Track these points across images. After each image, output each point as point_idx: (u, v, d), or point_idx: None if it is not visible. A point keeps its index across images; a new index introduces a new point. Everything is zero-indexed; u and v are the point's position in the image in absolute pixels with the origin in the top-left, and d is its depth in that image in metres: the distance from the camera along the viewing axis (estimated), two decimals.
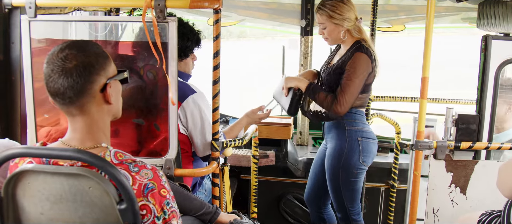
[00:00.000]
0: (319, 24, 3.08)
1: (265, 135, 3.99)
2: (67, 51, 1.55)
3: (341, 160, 3.09)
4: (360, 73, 2.94)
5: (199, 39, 2.81)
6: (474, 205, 2.76)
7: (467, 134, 2.75)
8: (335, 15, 2.97)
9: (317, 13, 3.05)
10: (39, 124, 2.37)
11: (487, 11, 2.74)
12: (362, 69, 2.94)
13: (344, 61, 3.01)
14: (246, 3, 4.70)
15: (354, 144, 3.07)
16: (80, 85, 1.55)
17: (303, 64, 4.53)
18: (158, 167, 2.08)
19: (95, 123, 1.63)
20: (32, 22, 2.28)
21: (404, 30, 4.74)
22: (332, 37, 3.07)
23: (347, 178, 3.11)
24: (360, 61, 2.93)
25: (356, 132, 3.08)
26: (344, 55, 3.05)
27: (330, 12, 2.97)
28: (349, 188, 3.14)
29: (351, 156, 3.07)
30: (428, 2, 2.46)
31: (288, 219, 4.18)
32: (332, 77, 3.05)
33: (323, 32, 3.07)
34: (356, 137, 3.08)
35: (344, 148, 3.08)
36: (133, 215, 1.49)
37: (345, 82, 2.93)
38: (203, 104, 2.67)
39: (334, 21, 2.99)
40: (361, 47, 2.97)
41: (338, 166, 3.10)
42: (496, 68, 2.73)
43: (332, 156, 3.13)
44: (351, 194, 3.17)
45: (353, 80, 2.92)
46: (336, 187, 3.16)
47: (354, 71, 2.93)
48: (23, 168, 1.51)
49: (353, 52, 2.97)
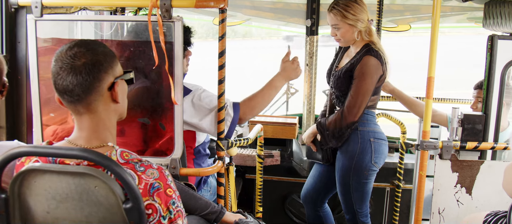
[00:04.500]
0: (332, 25, 3.02)
1: (270, 134, 3.99)
2: (76, 49, 1.56)
3: (353, 161, 3.06)
4: (369, 78, 2.92)
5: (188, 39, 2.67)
6: (480, 205, 2.75)
7: (473, 134, 2.74)
8: (349, 16, 2.93)
9: (330, 13, 2.99)
10: (45, 123, 2.38)
11: (493, 11, 2.73)
12: (372, 73, 2.92)
13: (353, 64, 2.98)
14: (252, 3, 4.71)
15: (367, 145, 3.05)
16: (88, 83, 1.56)
17: (308, 63, 4.53)
18: (164, 167, 2.09)
19: (102, 122, 1.63)
20: (38, 21, 2.29)
21: (409, 30, 4.73)
22: (345, 39, 3.03)
23: (358, 179, 3.09)
24: (368, 66, 2.92)
25: (368, 133, 3.07)
26: (354, 58, 3.02)
27: (344, 12, 2.93)
28: (359, 190, 3.12)
29: (363, 157, 3.05)
30: (434, 2, 2.45)
31: (293, 219, 4.18)
32: (341, 80, 3.03)
33: (336, 33, 3.02)
34: (368, 138, 3.06)
35: (356, 149, 3.05)
36: (139, 214, 1.49)
37: (355, 88, 2.93)
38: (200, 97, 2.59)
39: (348, 22, 2.95)
40: (370, 50, 2.95)
41: (350, 167, 3.07)
42: (502, 67, 2.72)
43: (344, 157, 3.11)
44: (361, 196, 3.15)
45: (363, 85, 2.92)
46: (346, 188, 3.14)
47: (363, 76, 2.92)
48: (30, 167, 1.51)
49: (362, 55, 2.95)
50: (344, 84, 3.02)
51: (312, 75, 4.55)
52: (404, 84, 3.73)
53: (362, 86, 2.92)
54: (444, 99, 4.13)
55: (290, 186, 4.15)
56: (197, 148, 2.80)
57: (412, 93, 3.70)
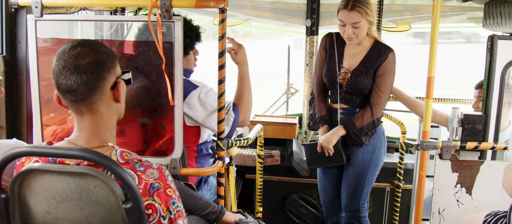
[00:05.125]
0: (353, 23, 2.94)
1: (270, 134, 3.99)
2: (80, 48, 1.57)
3: (373, 155, 3.16)
4: (394, 73, 3.05)
5: (198, 34, 2.74)
6: (480, 205, 2.75)
7: (473, 134, 2.74)
8: (369, 12, 2.96)
9: (351, 12, 2.91)
10: (45, 123, 2.38)
11: (493, 11, 2.73)
12: (395, 69, 3.05)
13: (374, 61, 3.02)
14: (252, 3, 4.71)
15: (382, 138, 3.19)
16: (93, 82, 1.57)
17: (308, 63, 4.53)
18: (164, 167, 2.09)
19: (103, 121, 1.63)
20: (38, 21, 2.29)
21: (409, 30, 4.73)
22: (362, 36, 3.01)
23: (374, 172, 3.21)
24: (394, 62, 3.03)
25: (381, 127, 3.20)
26: (370, 56, 3.03)
27: (367, 9, 2.94)
28: (370, 183, 3.23)
29: (381, 151, 3.19)
30: (434, 2, 2.45)
31: (293, 219, 4.18)
32: (365, 79, 3.03)
33: (353, 31, 2.96)
34: (381, 132, 3.19)
35: (376, 143, 3.16)
36: (139, 214, 1.49)
37: (383, 84, 3.01)
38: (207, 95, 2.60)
39: (369, 19, 2.97)
40: (388, 47, 3.03)
41: (370, 161, 3.17)
42: (502, 67, 2.72)
43: (365, 152, 3.17)
44: (369, 190, 3.25)
45: (390, 80, 3.03)
46: (361, 181, 3.20)
47: (390, 72, 3.02)
48: (30, 167, 1.51)
49: (385, 51, 3.01)
50: (367, 82, 3.04)
51: (312, 75, 4.54)
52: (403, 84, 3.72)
53: (389, 82, 3.03)
54: (444, 99, 4.13)
55: (290, 186, 4.15)
56: (200, 146, 2.80)
57: (412, 93, 3.70)
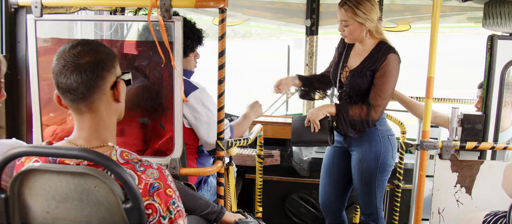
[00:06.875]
0: (341, 20, 2.96)
1: (270, 134, 3.99)
2: (80, 47, 1.57)
3: (378, 161, 3.08)
4: (395, 76, 2.95)
5: (200, 38, 2.76)
6: (480, 205, 2.75)
7: (473, 134, 2.74)
8: (360, 13, 2.88)
9: (341, 8, 2.93)
10: (45, 123, 2.38)
11: (493, 11, 2.73)
12: (397, 71, 2.95)
13: (373, 62, 2.96)
14: (251, 3, 4.71)
15: (387, 143, 3.09)
16: (93, 81, 1.57)
17: (308, 63, 4.53)
18: (164, 167, 2.09)
19: (103, 121, 1.63)
20: (38, 21, 2.29)
21: (409, 30, 4.73)
22: (353, 36, 2.99)
23: (382, 177, 3.13)
24: (394, 64, 2.93)
25: (386, 131, 3.12)
26: (373, 56, 2.98)
27: (356, 9, 2.88)
28: (381, 187, 3.16)
29: (387, 156, 3.08)
30: (434, 2, 2.45)
31: (293, 219, 4.18)
32: (360, 79, 3.00)
33: (344, 29, 2.97)
34: (387, 135, 3.10)
35: (379, 149, 3.07)
36: (139, 214, 1.49)
37: (383, 87, 2.93)
38: (205, 98, 2.64)
39: (358, 20, 2.90)
40: (391, 48, 2.95)
41: (376, 168, 3.09)
42: (502, 67, 2.72)
43: (368, 159, 3.09)
44: (382, 193, 3.19)
45: (390, 83, 2.93)
46: (371, 189, 3.14)
47: (390, 74, 2.92)
48: (29, 167, 1.51)
49: (384, 53, 2.93)
50: (362, 82, 3.00)
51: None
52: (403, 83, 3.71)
53: (389, 84, 2.93)
54: (444, 99, 4.13)
55: (290, 186, 4.15)
56: (200, 147, 2.80)
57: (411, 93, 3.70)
